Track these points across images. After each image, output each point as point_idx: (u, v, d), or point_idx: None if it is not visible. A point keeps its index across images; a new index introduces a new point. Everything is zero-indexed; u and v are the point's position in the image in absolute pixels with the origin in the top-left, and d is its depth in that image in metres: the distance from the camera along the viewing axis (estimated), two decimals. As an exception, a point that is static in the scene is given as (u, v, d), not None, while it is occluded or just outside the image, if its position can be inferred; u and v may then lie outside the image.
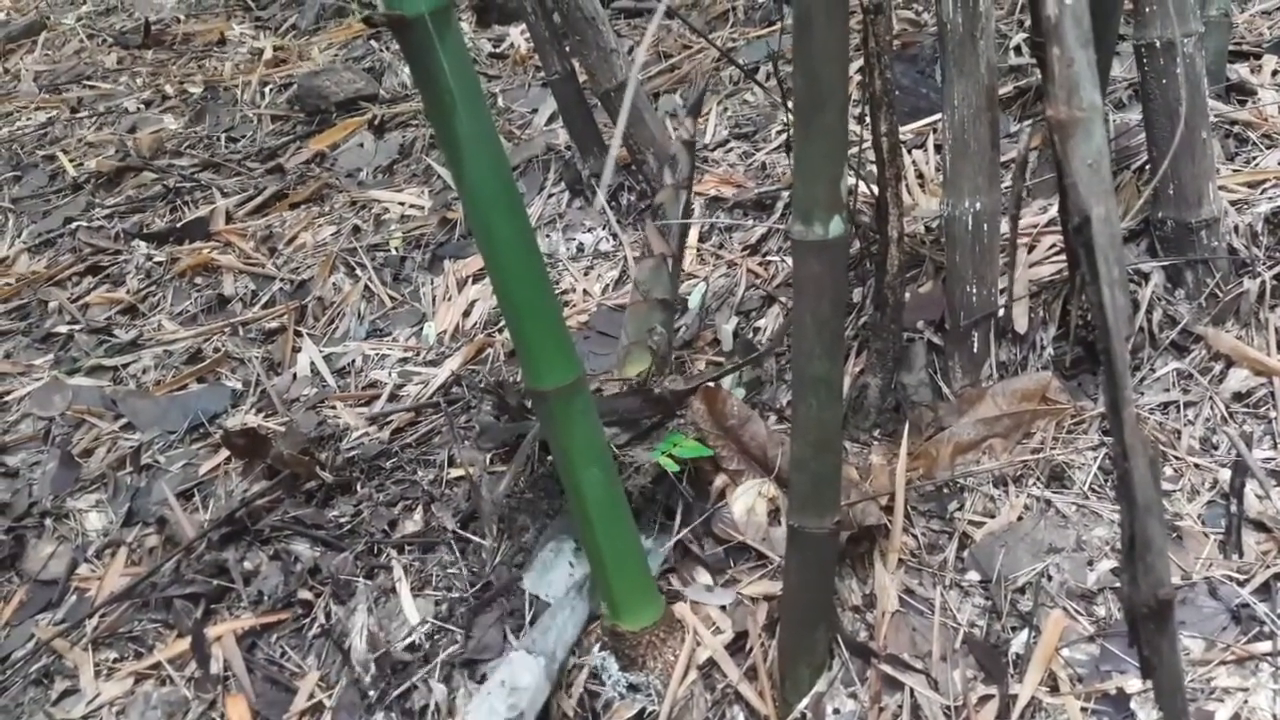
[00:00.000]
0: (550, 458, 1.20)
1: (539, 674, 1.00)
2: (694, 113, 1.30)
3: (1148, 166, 1.29)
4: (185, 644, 1.18)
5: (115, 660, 1.22)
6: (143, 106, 2.72)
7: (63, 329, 1.88)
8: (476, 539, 1.22)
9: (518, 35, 2.50)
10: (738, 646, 1.03)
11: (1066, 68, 0.63)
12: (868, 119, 1.11)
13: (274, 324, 1.75)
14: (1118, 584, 0.96)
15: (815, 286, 0.86)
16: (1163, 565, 0.66)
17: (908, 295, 1.26)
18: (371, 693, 1.07)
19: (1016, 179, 1.13)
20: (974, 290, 1.19)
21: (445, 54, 0.79)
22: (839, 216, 0.83)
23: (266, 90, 2.61)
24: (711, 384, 1.19)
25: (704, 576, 1.11)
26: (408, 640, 1.12)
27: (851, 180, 1.28)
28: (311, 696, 1.10)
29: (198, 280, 1.91)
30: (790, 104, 0.83)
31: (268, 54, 2.81)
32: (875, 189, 1.14)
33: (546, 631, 1.04)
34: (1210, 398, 1.14)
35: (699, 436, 1.18)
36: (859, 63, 1.10)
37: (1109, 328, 0.66)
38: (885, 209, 1.14)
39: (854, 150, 1.28)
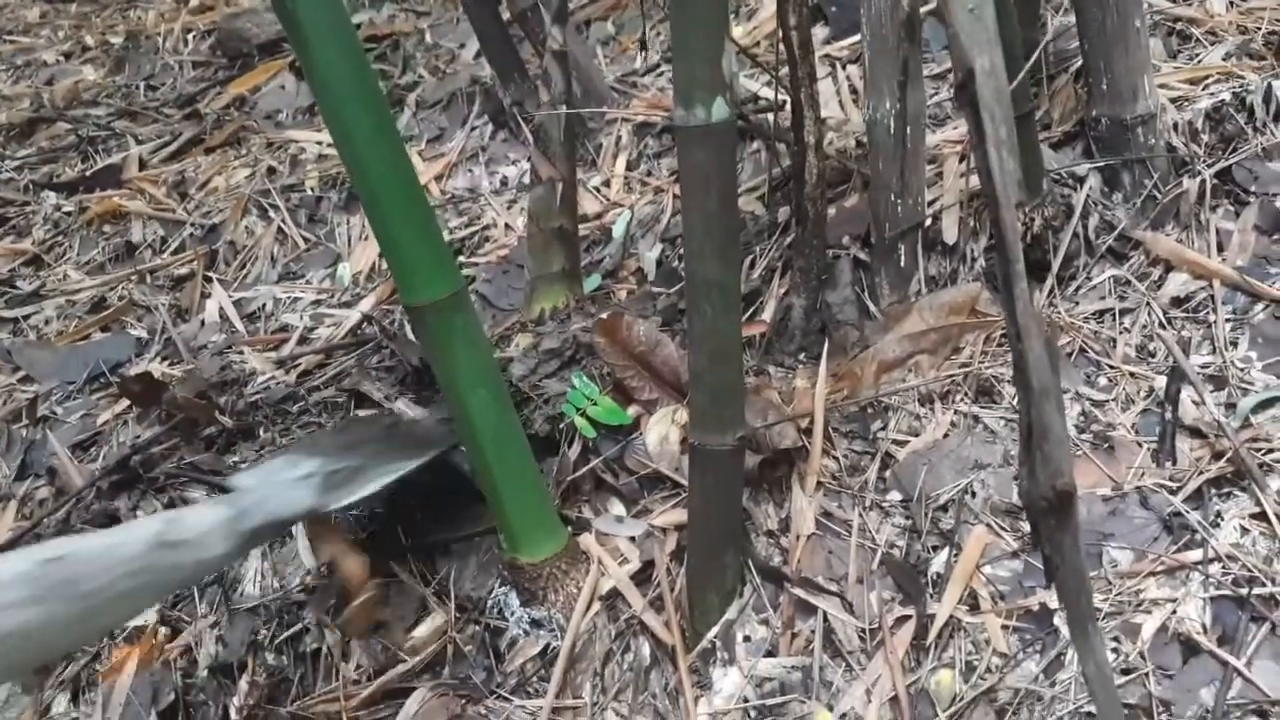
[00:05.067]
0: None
1: (216, 520, 0.87)
2: (560, 20, 1.19)
3: (1084, 69, 1.22)
4: (70, 598, 1.11)
5: (-1, 619, 1.15)
6: (62, 59, 2.60)
7: (-39, 283, 1.78)
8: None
9: (447, -30, 2.40)
10: (644, 576, 0.97)
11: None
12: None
13: (183, 270, 1.66)
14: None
15: (701, 178, 0.78)
16: (1062, 454, 0.59)
17: (832, 210, 1.19)
18: (262, 633, 1.01)
19: (905, 42, 1.03)
20: (899, 200, 1.12)
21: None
22: (722, 98, 0.75)
23: (189, 37, 2.50)
24: (606, 315, 1.12)
25: (617, 507, 1.05)
26: (301, 584, 1.05)
27: (769, 89, 1.21)
28: (199, 643, 1.03)
29: (105, 229, 1.82)
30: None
31: (193, 1, 2.69)
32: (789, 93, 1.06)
33: (245, 493, 0.92)
34: (1148, 304, 1.08)
35: (608, 371, 1.11)
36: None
37: (996, 195, 0.60)
38: (800, 112, 1.07)
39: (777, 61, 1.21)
